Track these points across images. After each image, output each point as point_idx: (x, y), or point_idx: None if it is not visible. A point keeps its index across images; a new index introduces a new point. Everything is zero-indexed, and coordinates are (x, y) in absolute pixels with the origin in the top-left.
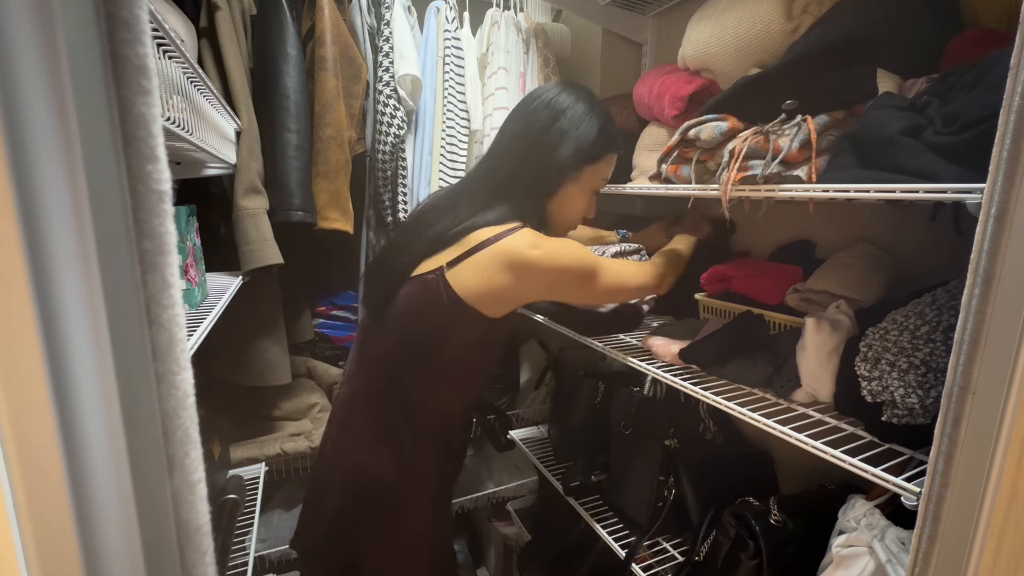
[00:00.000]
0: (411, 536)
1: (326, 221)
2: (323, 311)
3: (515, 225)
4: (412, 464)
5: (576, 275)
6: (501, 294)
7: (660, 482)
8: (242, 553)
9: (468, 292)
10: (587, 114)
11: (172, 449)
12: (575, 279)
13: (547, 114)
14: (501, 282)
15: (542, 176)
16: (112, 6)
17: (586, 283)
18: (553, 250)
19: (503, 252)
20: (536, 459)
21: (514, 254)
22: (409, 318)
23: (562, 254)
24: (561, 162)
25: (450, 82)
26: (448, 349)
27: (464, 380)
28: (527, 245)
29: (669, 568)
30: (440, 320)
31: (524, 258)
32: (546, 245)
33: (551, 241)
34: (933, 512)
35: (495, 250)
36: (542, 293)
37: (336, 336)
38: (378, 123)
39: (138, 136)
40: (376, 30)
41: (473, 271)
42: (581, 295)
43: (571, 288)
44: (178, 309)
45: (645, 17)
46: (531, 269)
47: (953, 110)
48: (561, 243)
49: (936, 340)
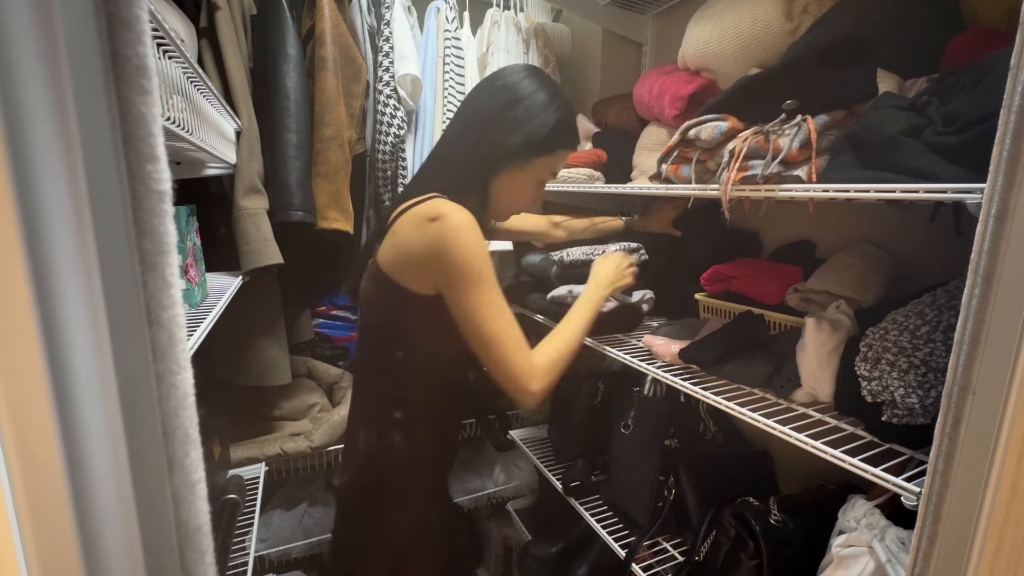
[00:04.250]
0: (407, 523)
1: (326, 221)
2: (323, 311)
3: (431, 195)
4: (400, 448)
5: (461, 269)
6: (407, 261)
7: (660, 482)
8: (242, 553)
9: (386, 263)
10: (547, 105)
11: (172, 449)
12: (459, 274)
13: (506, 97)
14: (405, 248)
15: (488, 158)
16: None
17: (467, 289)
18: (451, 229)
19: (408, 217)
20: (536, 459)
21: (414, 219)
22: (364, 304)
23: (458, 239)
24: (510, 148)
25: (450, 82)
26: (392, 330)
27: (425, 363)
28: (428, 211)
29: (669, 568)
30: (379, 299)
31: (420, 223)
32: (447, 220)
33: (457, 220)
34: (933, 512)
35: (405, 217)
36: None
37: (336, 336)
38: (378, 123)
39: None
40: (376, 30)
41: (390, 242)
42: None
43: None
44: (178, 309)
45: (645, 17)
46: (425, 237)
47: (953, 110)
48: (466, 229)
49: (936, 340)
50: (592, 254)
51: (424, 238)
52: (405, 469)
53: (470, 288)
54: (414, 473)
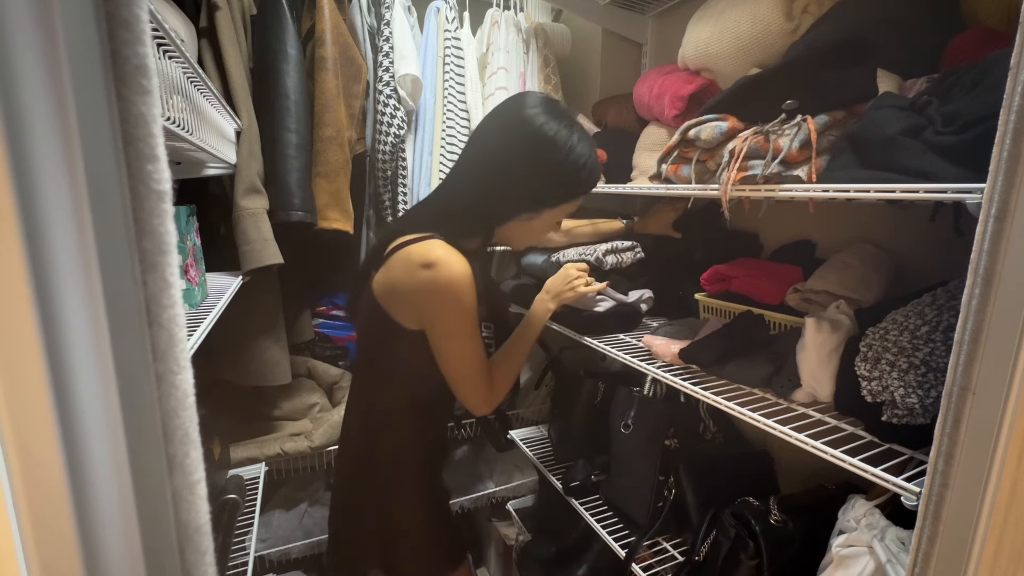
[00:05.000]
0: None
1: (326, 221)
2: (323, 311)
3: (429, 235)
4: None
5: (445, 319)
6: (396, 297)
7: (660, 482)
8: (242, 553)
9: (379, 292)
10: (568, 152)
11: (172, 449)
12: (442, 322)
13: (524, 142)
14: (396, 285)
15: (498, 208)
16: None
17: (447, 334)
18: (442, 280)
19: (402, 257)
20: (536, 459)
21: (408, 260)
22: (358, 323)
23: (448, 290)
24: (525, 200)
25: (450, 82)
26: (379, 352)
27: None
28: (423, 256)
29: (669, 568)
30: (369, 321)
31: (412, 267)
32: (440, 271)
33: (449, 271)
34: (933, 512)
35: (400, 254)
36: (418, 311)
37: (336, 336)
38: (378, 123)
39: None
40: (376, 30)
41: (384, 274)
42: (438, 340)
43: (434, 326)
44: (178, 309)
45: (645, 17)
46: (415, 281)
47: (953, 110)
48: (457, 282)
49: (936, 340)
50: (585, 255)
51: (414, 282)
52: (391, 466)
53: (451, 333)
54: (400, 472)
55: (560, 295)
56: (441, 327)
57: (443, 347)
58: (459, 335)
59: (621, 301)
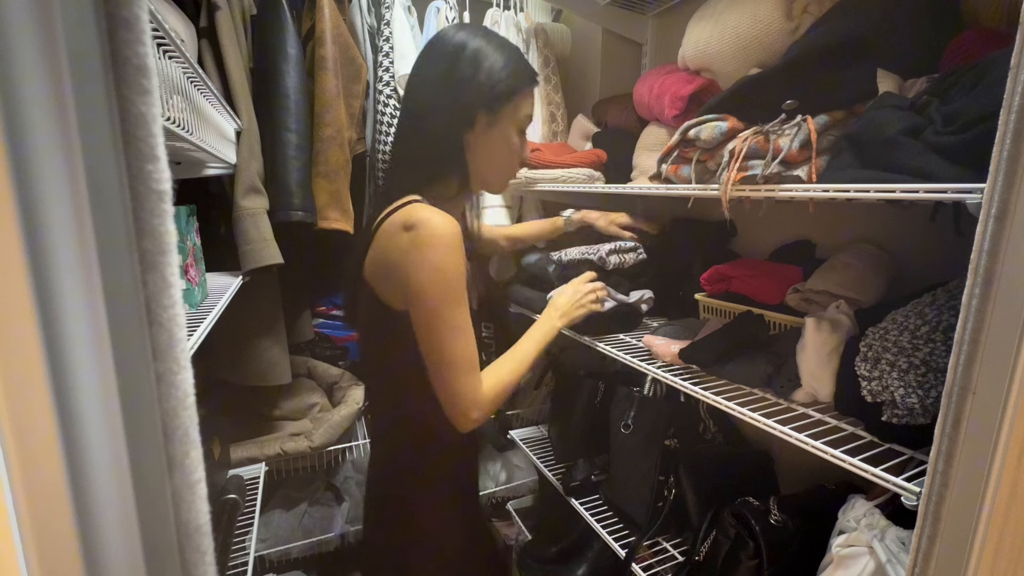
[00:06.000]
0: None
1: (326, 221)
2: (323, 311)
3: (409, 199)
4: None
5: (429, 284)
6: (383, 273)
7: (660, 482)
8: (242, 553)
9: (369, 273)
10: (489, 49)
11: (172, 449)
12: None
13: (444, 60)
14: (381, 258)
15: (450, 127)
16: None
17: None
18: (427, 239)
19: (386, 227)
20: (536, 459)
21: (390, 227)
22: (359, 317)
23: (432, 250)
24: (468, 106)
25: None
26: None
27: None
28: (404, 219)
29: (669, 568)
30: (365, 313)
31: (395, 232)
32: (423, 229)
33: (434, 229)
34: (933, 512)
35: (384, 226)
36: (402, 282)
37: (336, 336)
38: (378, 123)
39: (138, 136)
40: (376, 30)
41: (371, 253)
42: (421, 315)
43: (417, 296)
44: (178, 309)
45: (645, 17)
46: (398, 247)
47: (953, 110)
48: (443, 240)
49: (936, 340)
50: (587, 253)
51: (397, 248)
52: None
53: (435, 305)
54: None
55: (569, 315)
56: (424, 299)
57: (426, 327)
58: (443, 311)
59: (622, 302)
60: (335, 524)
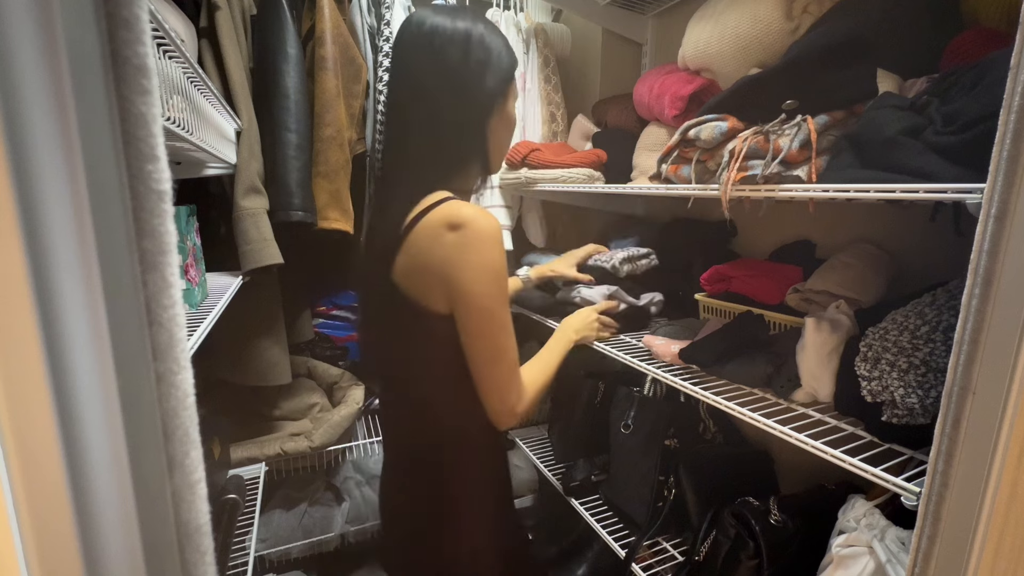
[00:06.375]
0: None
1: (326, 221)
2: (323, 311)
3: (444, 197)
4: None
5: (481, 287)
6: (422, 276)
7: (660, 482)
8: (242, 553)
9: (401, 278)
10: (487, 30)
11: (172, 449)
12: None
13: (455, 46)
14: (420, 261)
15: (477, 115)
16: (112, 6)
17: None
18: (475, 239)
19: (423, 227)
20: (536, 459)
21: (431, 227)
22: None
23: (482, 252)
24: (492, 90)
25: None
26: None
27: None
28: (447, 218)
29: (669, 568)
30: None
31: (437, 232)
32: (470, 229)
33: (482, 229)
34: (933, 512)
35: (419, 227)
36: (447, 284)
37: (336, 336)
38: (378, 123)
39: (138, 136)
40: (376, 30)
41: (403, 258)
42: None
43: (468, 298)
44: (178, 309)
45: (645, 17)
46: (443, 247)
47: (953, 110)
48: (492, 240)
49: (936, 340)
50: (600, 261)
51: (442, 249)
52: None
53: (488, 304)
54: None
55: (582, 332)
56: (473, 301)
57: (473, 329)
58: (493, 314)
59: (633, 304)
60: (335, 524)
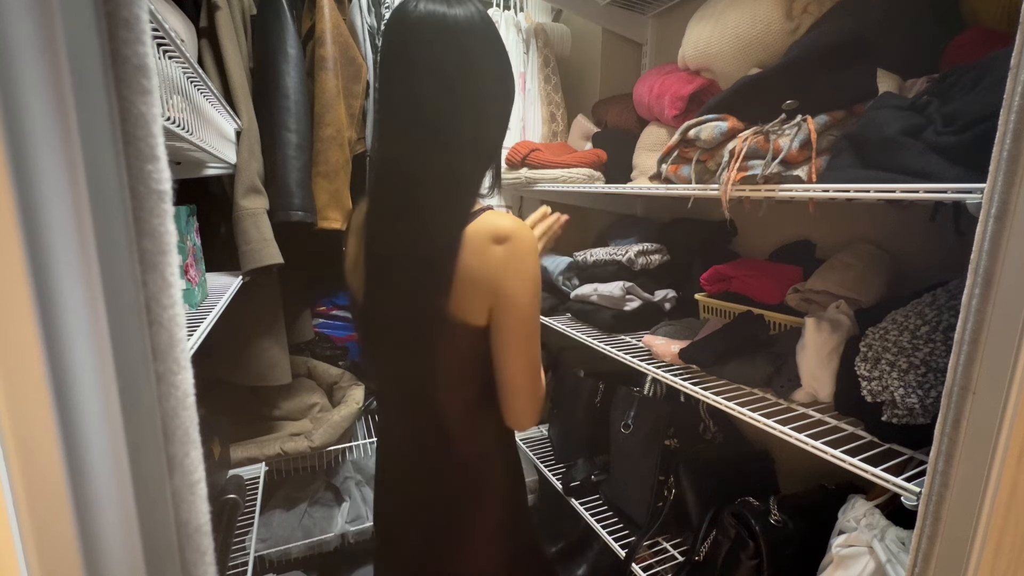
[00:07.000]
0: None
1: (326, 221)
2: (323, 311)
3: (481, 208)
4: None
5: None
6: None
7: (660, 482)
8: (242, 553)
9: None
10: (486, 13)
11: (172, 449)
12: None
13: (474, 40)
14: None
15: (503, 108)
16: (112, 6)
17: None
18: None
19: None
20: (536, 459)
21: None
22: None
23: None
24: (511, 81)
25: None
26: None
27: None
28: (491, 231)
29: (669, 568)
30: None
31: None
32: (517, 243)
33: (527, 242)
34: (933, 512)
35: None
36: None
37: (336, 336)
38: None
39: (138, 136)
40: (376, 30)
41: None
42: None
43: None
44: (178, 309)
45: (645, 17)
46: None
47: (953, 110)
48: (535, 251)
49: (936, 340)
50: (614, 254)
51: (488, 263)
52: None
53: (531, 312)
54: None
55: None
56: (519, 312)
57: (513, 338)
58: (535, 317)
59: (648, 300)
60: (335, 524)
